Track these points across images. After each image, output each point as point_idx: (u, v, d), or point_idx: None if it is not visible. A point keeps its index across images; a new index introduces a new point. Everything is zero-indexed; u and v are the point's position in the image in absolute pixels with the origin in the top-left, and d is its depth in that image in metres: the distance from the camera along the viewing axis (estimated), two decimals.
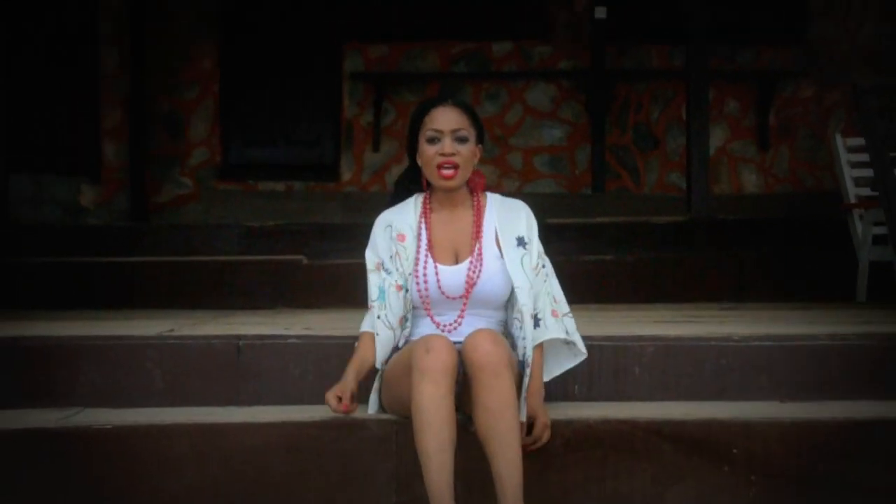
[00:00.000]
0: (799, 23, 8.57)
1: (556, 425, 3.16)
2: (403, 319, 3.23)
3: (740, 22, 8.47)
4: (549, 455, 3.14)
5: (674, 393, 3.49)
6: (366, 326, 3.23)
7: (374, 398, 3.26)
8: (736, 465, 3.15)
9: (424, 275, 3.22)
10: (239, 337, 3.48)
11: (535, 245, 3.30)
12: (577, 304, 5.34)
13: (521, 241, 3.27)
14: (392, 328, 3.21)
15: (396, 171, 8.49)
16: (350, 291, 5.79)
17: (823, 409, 3.31)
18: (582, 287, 5.62)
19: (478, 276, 3.22)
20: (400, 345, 3.25)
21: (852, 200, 6.06)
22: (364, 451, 3.12)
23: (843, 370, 3.51)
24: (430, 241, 3.27)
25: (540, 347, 3.17)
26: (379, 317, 3.22)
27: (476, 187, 3.31)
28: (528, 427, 3.06)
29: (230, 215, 8.07)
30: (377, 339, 3.20)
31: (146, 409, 3.37)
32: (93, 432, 3.10)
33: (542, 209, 7.85)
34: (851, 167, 6.18)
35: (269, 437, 3.11)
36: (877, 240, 5.82)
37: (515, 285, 3.19)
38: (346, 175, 8.58)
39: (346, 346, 3.44)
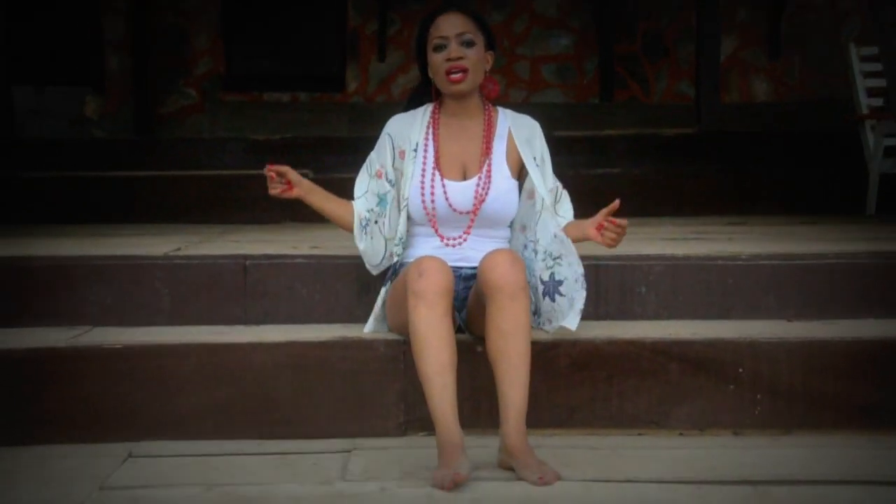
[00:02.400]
0: None
1: (562, 345, 3.17)
2: (397, 238, 3.24)
3: None
4: (555, 375, 3.15)
5: (680, 312, 3.48)
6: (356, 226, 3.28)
7: (371, 320, 3.27)
8: (742, 384, 3.16)
9: (432, 190, 3.20)
10: (246, 257, 3.47)
11: (549, 167, 3.29)
12: (585, 219, 5.38)
13: (538, 161, 3.25)
14: (384, 237, 3.26)
15: (403, 82, 8.43)
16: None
17: (830, 329, 3.31)
18: (589, 201, 5.52)
19: (486, 194, 3.20)
20: (396, 264, 3.24)
21: (865, 111, 6.00)
22: (371, 370, 3.13)
23: (851, 288, 3.50)
24: (437, 155, 3.24)
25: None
26: (377, 222, 3.25)
27: (489, 94, 3.27)
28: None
29: (235, 126, 8.02)
30: (371, 243, 3.26)
31: (154, 328, 3.38)
32: (103, 351, 3.11)
33: (550, 120, 7.81)
34: (865, 77, 6.11)
35: (275, 356, 3.12)
36: (888, 152, 5.78)
37: (539, 207, 3.17)
38: (352, 85, 8.51)
39: (353, 266, 3.44)
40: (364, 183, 3.30)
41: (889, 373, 3.17)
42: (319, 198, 3.29)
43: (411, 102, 3.40)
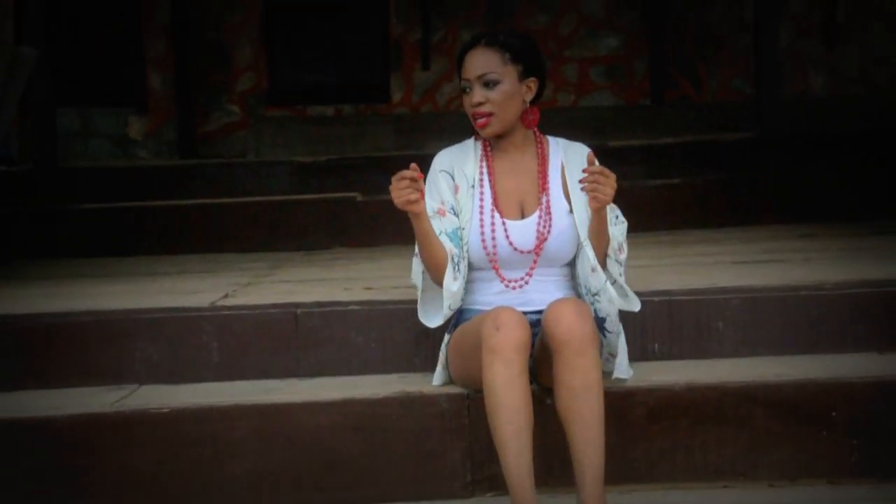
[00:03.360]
0: None
1: (637, 393, 2.96)
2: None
3: None
4: (633, 426, 2.94)
5: (762, 348, 3.26)
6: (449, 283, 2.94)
7: (440, 371, 3.07)
8: (835, 430, 2.94)
9: (492, 231, 2.99)
10: (297, 305, 3.29)
11: None
12: (647, 233, 5.19)
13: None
14: (463, 280, 2.98)
15: (448, 90, 8.24)
16: (404, 229, 5.57)
17: None
18: (649, 214, 5.38)
19: (548, 232, 2.99)
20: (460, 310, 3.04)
21: None
22: (434, 427, 2.94)
23: None
24: (494, 192, 3.04)
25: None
26: (458, 267, 2.96)
27: (527, 125, 3.04)
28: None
29: (279, 143, 7.86)
30: (452, 293, 2.94)
31: (203, 384, 3.21)
32: (149, 416, 2.95)
33: (600, 124, 7.62)
34: None
35: (333, 417, 2.94)
36: None
37: (581, 239, 2.96)
38: (397, 96, 8.33)
39: (410, 311, 3.25)
40: (440, 231, 2.99)
41: None
42: (428, 223, 2.96)
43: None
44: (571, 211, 3.02)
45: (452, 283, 2.94)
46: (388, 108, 8.30)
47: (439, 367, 3.06)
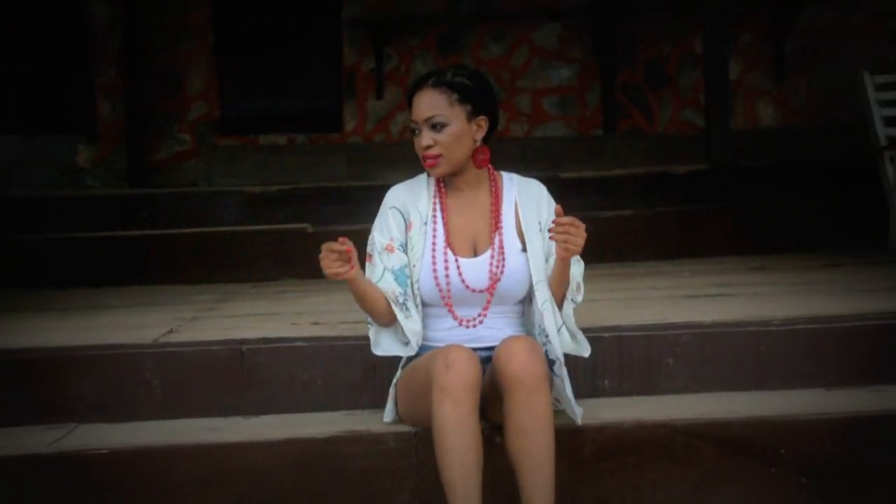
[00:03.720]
0: None
1: (587, 431, 2.92)
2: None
3: None
4: (582, 465, 2.91)
5: (711, 384, 3.24)
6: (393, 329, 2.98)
7: (390, 406, 3.02)
8: (784, 467, 2.92)
9: (445, 269, 2.95)
10: (242, 341, 3.22)
11: None
12: (599, 265, 5.17)
13: (542, 226, 3.00)
14: (419, 315, 2.95)
15: (401, 120, 8.21)
16: (359, 259, 5.53)
17: (876, 399, 3.07)
18: (602, 245, 5.36)
19: (501, 272, 2.95)
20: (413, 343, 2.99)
21: (882, 143, 5.77)
22: (381, 467, 2.88)
23: (892, 351, 3.25)
24: (447, 230, 3.00)
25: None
26: (407, 306, 2.93)
27: (477, 165, 3.00)
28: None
29: (231, 171, 7.78)
30: (411, 331, 2.93)
31: (144, 423, 3.13)
32: (88, 456, 2.87)
33: (553, 155, 7.61)
34: (881, 106, 5.87)
35: (277, 456, 2.87)
36: None
37: (535, 280, 2.93)
38: (350, 125, 8.29)
39: (357, 347, 3.20)
40: (377, 268, 2.98)
41: None
42: (365, 281, 2.96)
43: None
44: (525, 249, 2.99)
45: (411, 323, 2.93)
46: (341, 138, 8.25)
47: (390, 403, 3.01)
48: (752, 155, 6.68)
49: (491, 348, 2.92)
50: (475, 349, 2.92)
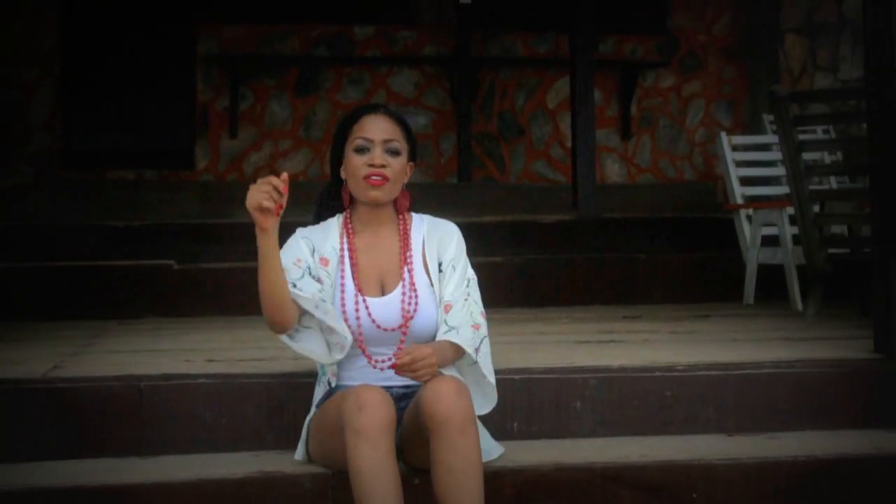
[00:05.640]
0: (659, 13, 8.55)
1: (506, 474, 2.90)
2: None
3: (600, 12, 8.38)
4: None
5: (618, 428, 3.26)
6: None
7: (301, 448, 2.91)
8: None
9: (356, 310, 2.88)
10: (140, 378, 3.06)
11: (463, 265, 2.99)
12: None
13: (443, 267, 2.96)
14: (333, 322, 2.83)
15: (255, 160, 8.08)
16: (226, 298, 5.39)
17: (778, 445, 3.15)
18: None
19: (414, 309, 2.90)
20: (329, 382, 2.90)
21: (739, 201, 5.99)
22: None
23: (788, 399, 3.35)
24: (354, 269, 2.93)
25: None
26: (325, 300, 2.81)
27: (401, 208, 2.99)
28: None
29: (76, 206, 7.46)
30: (325, 316, 2.81)
31: (35, 463, 2.92)
32: None
33: (413, 200, 7.60)
34: (737, 166, 6.10)
35: (185, 499, 2.73)
36: (764, 241, 5.76)
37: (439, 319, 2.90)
38: (202, 163, 8.09)
39: (262, 385, 3.09)
40: (296, 271, 2.82)
41: (845, 493, 3.01)
42: (275, 243, 2.74)
43: (322, 207, 3.06)
44: (432, 286, 2.95)
45: (330, 319, 2.80)
46: (193, 176, 8.04)
47: (301, 442, 2.91)
48: (600, 209, 6.87)
49: (406, 386, 2.87)
50: (391, 387, 2.87)
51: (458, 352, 2.85)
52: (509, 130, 8.42)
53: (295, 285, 2.78)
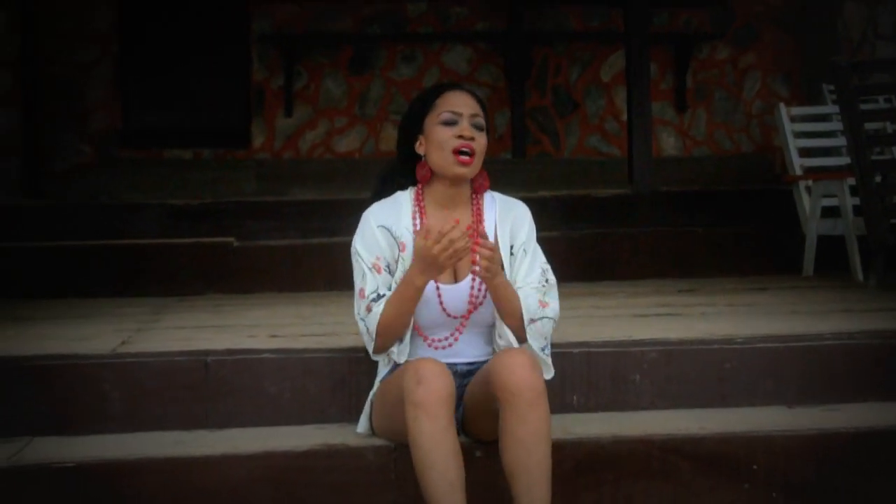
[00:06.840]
0: None
1: (564, 446, 2.91)
2: None
3: None
4: (559, 479, 2.86)
5: (676, 401, 3.27)
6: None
7: (364, 421, 2.95)
8: (756, 482, 2.96)
9: (431, 299, 2.84)
10: (207, 353, 3.12)
11: (533, 250, 2.98)
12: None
13: (514, 250, 2.94)
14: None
15: (311, 137, 8.12)
16: (285, 275, 5.46)
17: (838, 417, 3.14)
18: None
19: (481, 299, 2.88)
20: (392, 359, 2.92)
21: (798, 172, 5.94)
22: (360, 482, 2.82)
23: (849, 370, 3.34)
24: None
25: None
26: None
27: (479, 189, 2.98)
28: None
29: (135, 185, 7.58)
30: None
31: (105, 436, 2.99)
32: (52, 471, 2.72)
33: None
34: (796, 137, 6.05)
35: (252, 470, 2.79)
36: (824, 212, 5.71)
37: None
38: (258, 141, 8.15)
39: (324, 360, 3.13)
40: (372, 280, 2.84)
41: None
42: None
43: (385, 184, 3.01)
44: (503, 268, 2.89)
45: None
46: (249, 154, 8.12)
47: (364, 415, 2.95)
48: (656, 183, 6.84)
49: (471, 363, 2.88)
50: (455, 364, 2.88)
51: (514, 302, 2.82)
52: (563, 105, 8.39)
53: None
